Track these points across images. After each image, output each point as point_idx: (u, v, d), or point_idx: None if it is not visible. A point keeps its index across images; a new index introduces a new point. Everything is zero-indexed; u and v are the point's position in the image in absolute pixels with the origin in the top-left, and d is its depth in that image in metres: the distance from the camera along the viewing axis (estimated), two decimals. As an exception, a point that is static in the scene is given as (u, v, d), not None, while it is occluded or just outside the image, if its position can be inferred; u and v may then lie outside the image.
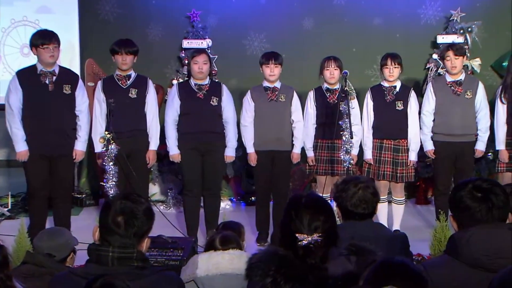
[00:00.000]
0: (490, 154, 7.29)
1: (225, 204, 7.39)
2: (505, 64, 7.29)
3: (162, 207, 7.38)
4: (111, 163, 5.50)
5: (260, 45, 7.99)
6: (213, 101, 5.91)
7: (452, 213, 2.66)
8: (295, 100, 6.09)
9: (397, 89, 6.02)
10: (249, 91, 6.13)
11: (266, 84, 6.06)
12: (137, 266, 2.48)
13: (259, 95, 6.05)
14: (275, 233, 5.70)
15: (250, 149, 6.07)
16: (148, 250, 4.32)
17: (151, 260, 4.12)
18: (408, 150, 6.02)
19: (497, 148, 6.12)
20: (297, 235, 2.33)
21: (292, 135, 6.08)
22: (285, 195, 6.01)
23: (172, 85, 6.88)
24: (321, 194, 5.93)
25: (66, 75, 5.76)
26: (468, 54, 7.52)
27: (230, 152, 6.03)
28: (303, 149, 6.15)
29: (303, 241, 2.31)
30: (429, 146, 6.07)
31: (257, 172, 6.14)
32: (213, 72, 6.83)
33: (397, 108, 5.98)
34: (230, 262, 3.28)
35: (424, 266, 2.46)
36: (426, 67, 7.83)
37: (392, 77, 5.96)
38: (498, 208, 2.55)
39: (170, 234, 4.78)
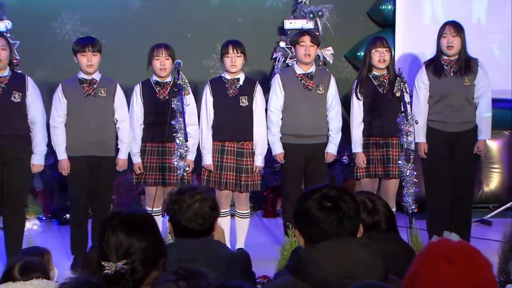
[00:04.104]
0: (345, 157, 7.63)
1: (31, 224, 7.23)
2: (360, 54, 7.65)
3: None
4: None
5: (74, 28, 7.82)
6: (15, 97, 5.75)
7: (298, 226, 2.69)
8: (119, 95, 6.04)
9: (241, 82, 6.13)
10: (60, 85, 6.01)
11: (82, 76, 5.96)
12: None
13: (73, 90, 5.95)
14: (89, 256, 5.62)
15: (62, 155, 5.96)
16: None
17: None
18: (253, 154, 6.14)
19: (353, 151, 6.35)
20: (102, 262, 2.32)
21: (117, 138, 6.03)
22: (107, 210, 5.93)
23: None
24: (150, 209, 5.95)
25: None
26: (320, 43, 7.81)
27: (37, 160, 5.88)
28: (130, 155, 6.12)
29: (108, 271, 2.30)
30: (278, 149, 6.22)
31: (72, 183, 6.03)
32: (15, 61, 6.60)
33: (241, 104, 6.09)
34: (34, 295, 3.19)
35: (266, 290, 2.53)
36: (273, 57, 8.04)
37: (235, 67, 6.05)
38: (349, 219, 2.62)
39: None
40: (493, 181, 8.02)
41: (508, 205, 7.62)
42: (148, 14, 7.99)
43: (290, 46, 7.17)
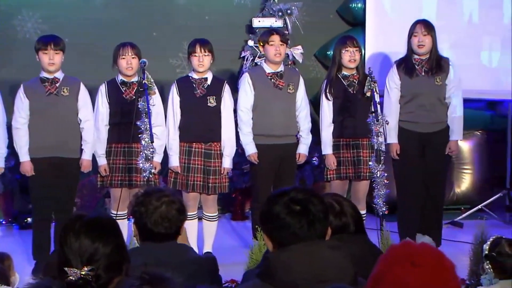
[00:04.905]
0: (315, 159, 7.65)
1: (-9, 229, 7.16)
2: (330, 53, 7.67)
3: None
4: None
5: (35, 26, 7.77)
6: (-26, 97, 5.71)
7: (267, 231, 2.70)
8: (83, 94, 6.00)
9: (209, 81, 6.12)
10: (22, 86, 5.96)
11: (44, 75, 5.92)
12: None
13: (35, 89, 5.90)
14: (51, 261, 5.58)
15: (25, 156, 5.90)
16: None
17: None
18: (221, 155, 6.14)
19: (323, 153, 6.36)
20: (65, 268, 2.31)
21: (81, 138, 6.00)
22: (70, 214, 5.87)
23: None
24: (114, 212, 5.93)
25: None
26: (289, 41, 7.83)
27: (-3, 162, 5.83)
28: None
29: (71, 277, 2.29)
30: (252, 149, 6.20)
31: (35, 185, 5.97)
32: (-26, 60, 6.57)
33: (208, 104, 6.08)
34: (-6, 302, 3.17)
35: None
36: (241, 56, 8.05)
37: (202, 67, 6.04)
38: (319, 221, 2.64)
39: None
40: (465, 182, 8.09)
41: (479, 206, 7.68)
42: (113, 12, 7.95)
43: (257, 45, 7.18)
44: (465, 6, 7.88)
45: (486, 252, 3.84)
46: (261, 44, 6.39)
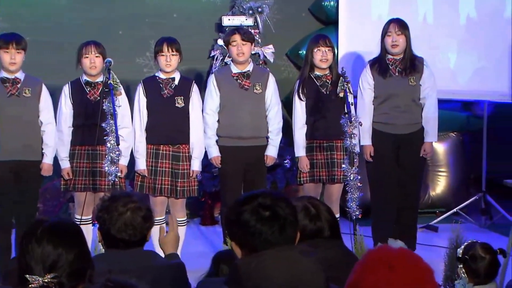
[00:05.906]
0: (287, 161, 7.66)
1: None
2: (302, 52, 7.69)
3: None
4: None
5: (-5, 24, 7.73)
6: None
7: (235, 239, 2.69)
8: (44, 95, 5.97)
9: (176, 82, 6.11)
10: (-19, 86, 5.91)
11: (4, 75, 5.87)
12: None
13: (-5, 90, 5.86)
14: (12, 269, 5.53)
15: (-16, 159, 5.85)
16: None
17: None
18: (190, 157, 6.12)
19: (296, 155, 6.36)
20: (27, 276, 2.29)
21: (42, 141, 5.96)
22: (32, 219, 5.83)
23: None
24: (79, 217, 5.89)
25: None
26: (260, 40, 7.85)
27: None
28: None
29: (33, 285, 2.28)
30: (214, 153, 6.20)
31: (-5, 190, 5.93)
32: None
33: (176, 105, 6.06)
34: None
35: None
36: (211, 55, 8.04)
37: (170, 67, 6.03)
38: (290, 225, 2.65)
39: None
40: (440, 185, 8.13)
41: (455, 210, 7.72)
42: (77, 9, 7.91)
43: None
44: (419, 6, 7.91)
45: (460, 255, 3.88)
46: (225, 44, 6.39)
